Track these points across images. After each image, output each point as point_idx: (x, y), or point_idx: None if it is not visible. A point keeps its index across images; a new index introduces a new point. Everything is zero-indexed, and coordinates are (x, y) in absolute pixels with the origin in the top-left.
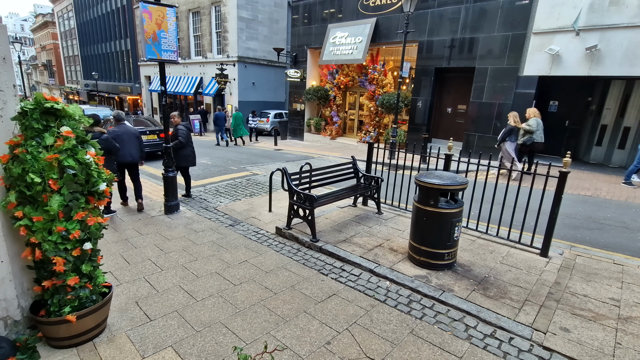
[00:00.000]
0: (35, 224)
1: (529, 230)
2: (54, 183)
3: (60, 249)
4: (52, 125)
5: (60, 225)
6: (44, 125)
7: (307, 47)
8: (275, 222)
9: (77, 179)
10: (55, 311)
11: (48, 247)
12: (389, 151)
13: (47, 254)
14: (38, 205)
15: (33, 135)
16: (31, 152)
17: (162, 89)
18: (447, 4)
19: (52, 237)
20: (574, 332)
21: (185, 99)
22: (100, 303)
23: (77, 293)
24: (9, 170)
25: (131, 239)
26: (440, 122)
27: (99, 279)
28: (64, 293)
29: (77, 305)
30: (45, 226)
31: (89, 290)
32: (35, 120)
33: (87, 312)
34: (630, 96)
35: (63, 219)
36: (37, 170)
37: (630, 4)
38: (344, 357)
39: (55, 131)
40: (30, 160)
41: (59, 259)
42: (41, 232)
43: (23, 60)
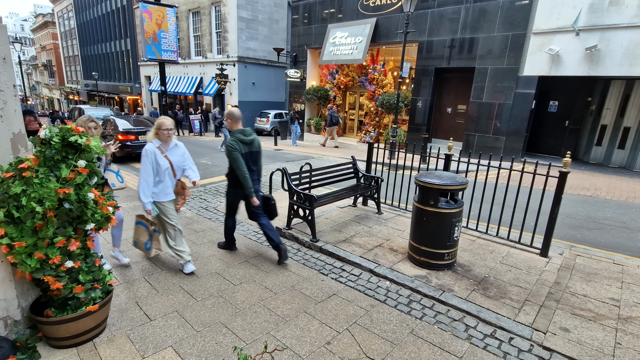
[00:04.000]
0: (16, 248)
1: (529, 230)
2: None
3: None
4: (71, 157)
5: (41, 252)
6: (63, 156)
7: (307, 47)
8: (275, 222)
9: (71, 213)
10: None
11: (24, 269)
12: (389, 151)
13: (35, 275)
14: (22, 229)
15: (50, 164)
16: (41, 179)
17: (162, 89)
18: (447, 4)
19: (30, 261)
20: (574, 332)
21: (185, 99)
22: (100, 303)
23: (88, 295)
24: (7, 187)
25: (131, 239)
26: (440, 122)
27: (107, 277)
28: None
29: (92, 304)
30: (25, 250)
31: (99, 290)
32: (57, 152)
33: (86, 312)
34: (630, 96)
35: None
36: (39, 197)
37: (630, 4)
38: (344, 357)
39: (72, 164)
40: (37, 186)
41: (50, 277)
42: (20, 255)
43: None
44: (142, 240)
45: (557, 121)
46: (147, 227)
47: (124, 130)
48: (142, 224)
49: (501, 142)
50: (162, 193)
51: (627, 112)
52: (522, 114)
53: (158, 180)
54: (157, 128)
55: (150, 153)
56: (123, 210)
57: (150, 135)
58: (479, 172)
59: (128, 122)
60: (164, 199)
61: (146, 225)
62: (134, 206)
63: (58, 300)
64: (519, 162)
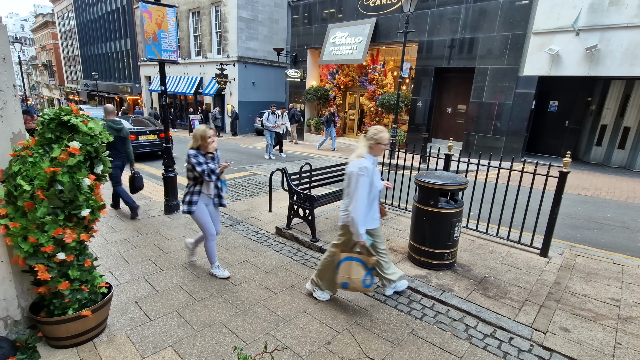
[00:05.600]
0: (11, 229)
1: (529, 230)
2: (42, 193)
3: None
4: (64, 137)
5: (34, 236)
6: (57, 136)
7: (307, 47)
8: (275, 222)
9: (61, 195)
10: (59, 313)
11: (20, 253)
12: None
13: (28, 262)
14: (17, 210)
15: (43, 143)
16: (34, 157)
17: (162, 89)
18: (447, 4)
19: (24, 245)
20: (574, 332)
21: (185, 99)
22: (100, 303)
23: (73, 296)
24: (10, 166)
25: (131, 239)
26: (440, 122)
27: (96, 280)
28: (61, 297)
29: (78, 307)
30: (20, 233)
31: (86, 292)
32: (50, 131)
33: (91, 310)
34: (630, 96)
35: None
36: (30, 176)
37: (630, 4)
38: (344, 357)
39: (65, 144)
40: (29, 164)
41: (40, 266)
42: (15, 237)
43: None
44: (358, 278)
45: (557, 121)
46: (362, 261)
47: None
48: (355, 259)
49: (501, 142)
50: (372, 219)
51: (627, 112)
52: (522, 114)
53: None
54: (372, 140)
55: (370, 172)
56: (124, 211)
57: (363, 147)
58: (479, 172)
59: (128, 122)
60: (374, 225)
61: (361, 260)
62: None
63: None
64: (519, 162)
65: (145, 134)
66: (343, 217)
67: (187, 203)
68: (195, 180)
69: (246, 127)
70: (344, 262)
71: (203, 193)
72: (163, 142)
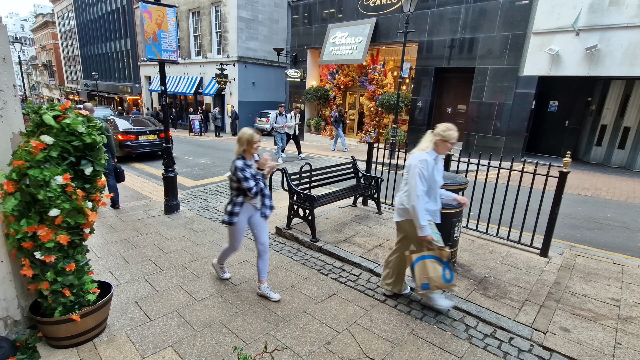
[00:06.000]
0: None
1: (529, 230)
2: (10, 185)
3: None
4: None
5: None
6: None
7: (307, 47)
8: (275, 222)
9: (29, 190)
10: (49, 314)
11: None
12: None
13: (17, 255)
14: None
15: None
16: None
17: (162, 89)
18: (447, 4)
19: (9, 238)
20: (574, 332)
21: (185, 99)
22: (100, 303)
23: (56, 298)
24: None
25: (131, 239)
26: (440, 122)
27: (86, 285)
28: (44, 298)
29: (63, 310)
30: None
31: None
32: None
33: (86, 312)
34: (630, 96)
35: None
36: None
37: (630, 4)
38: (344, 357)
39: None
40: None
41: (26, 260)
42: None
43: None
44: (437, 275)
45: (557, 121)
46: (435, 257)
47: (124, 130)
48: (428, 257)
49: (501, 142)
50: (432, 213)
51: (627, 112)
52: (522, 114)
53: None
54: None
55: (430, 166)
56: (124, 211)
57: (427, 142)
58: (479, 172)
59: (128, 122)
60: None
61: (434, 256)
62: (134, 206)
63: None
64: (519, 162)
65: (145, 134)
66: (399, 210)
67: (229, 213)
68: (239, 191)
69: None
70: (418, 263)
71: (247, 203)
72: (163, 142)
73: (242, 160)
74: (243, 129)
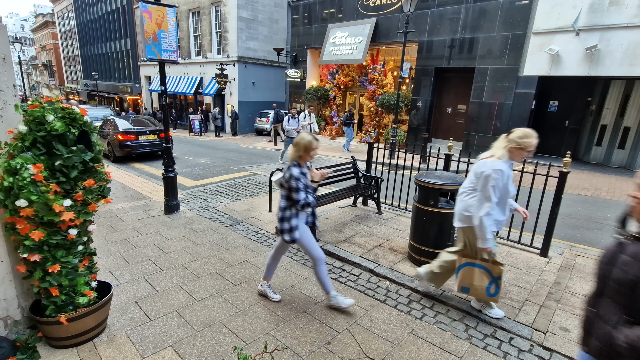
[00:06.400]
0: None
1: (529, 230)
2: None
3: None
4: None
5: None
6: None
7: (307, 47)
8: (275, 222)
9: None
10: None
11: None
12: (389, 151)
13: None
14: None
15: None
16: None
17: (162, 89)
18: (447, 4)
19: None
20: (574, 332)
21: (185, 99)
22: (100, 303)
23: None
24: None
25: (131, 239)
26: (440, 122)
27: (79, 287)
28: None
29: (54, 309)
30: None
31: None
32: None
33: (86, 312)
34: (630, 96)
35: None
36: None
37: (630, 4)
38: (344, 357)
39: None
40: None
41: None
42: None
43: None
44: (480, 285)
45: (557, 121)
46: (486, 269)
47: (124, 130)
48: (478, 266)
49: None
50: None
51: (627, 112)
52: (522, 114)
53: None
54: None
55: (505, 176)
56: (124, 211)
57: (501, 149)
58: None
59: (128, 122)
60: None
61: (485, 267)
62: (134, 206)
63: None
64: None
65: (145, 134)
66: (462, 217)
67: (289, 231)
68: (289, 200)
69: (246, 127)
70: (465, 267)
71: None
72: (163, 142)
73: (298, 168)
74: (302, 134)
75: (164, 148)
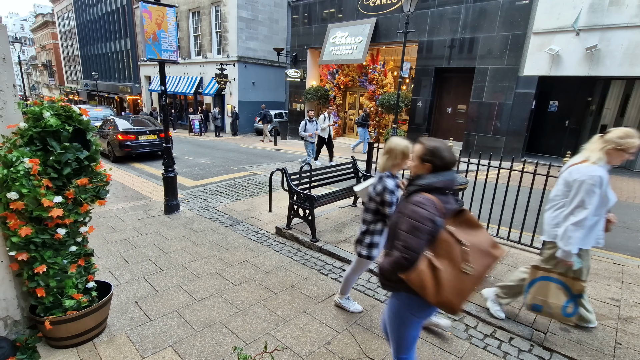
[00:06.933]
0: None
1: (529, 230)
2: None
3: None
4: None
5: None
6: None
7: (307, 47)
8: (275, 222)
9: None
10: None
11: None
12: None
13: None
14: None
15: None
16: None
17: (162, 89)
18: (447, 4)
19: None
20: (574, 332)
21: (185, 99)
22: (100, 303)
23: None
24: None
25: (131, 239)
26: (440, 122)
27: (67, 289)
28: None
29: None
30: None
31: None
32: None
33: (86, 312)
34: (630, 96)
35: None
36: None
37: (630, 4)
38: (344, 357)
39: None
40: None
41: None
42: None
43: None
44: (556, 303)
45: (557, 121)
46: (564, 285)
47: (124, 130)
48: (556, 281)
49: (501, 142)
50: (590, 237)
51: (627, 112)
52: (522, 114)
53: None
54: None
55: (604, 184)
56: (124, 211)
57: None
58: (479, 172)
59: (128, 122)
60: (588, 245)
61: (563, 283)
62: (134, 206)
63: None
64: (519, 162)
65: (145, 134)
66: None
67: (367, 246)
68: (377, 215)
69: (246, 127)
70: (540, 282)
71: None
72: (163, 142)
73: (394, 179)
74: (395, 139)
75: (164, 148)
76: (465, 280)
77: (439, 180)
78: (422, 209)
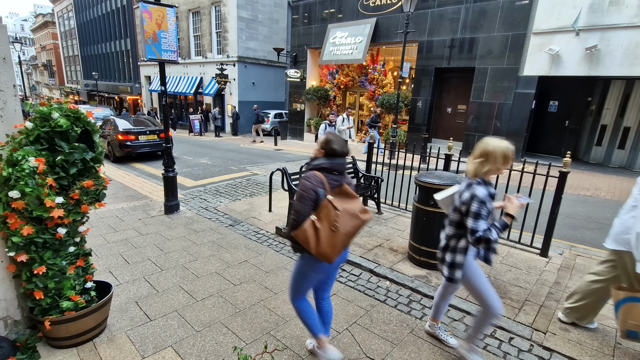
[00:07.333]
0: None
1: (529, 230)
2: None
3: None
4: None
5: None
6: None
7: (307, 47)
8: (275, 222)
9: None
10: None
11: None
12: (389, 151)
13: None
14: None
15: None
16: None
17: (162, 89)
18: (447, 4)
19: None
20: (574, 332)
21: (185, 99)
22: (100, 303)
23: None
24: None
25: (131, 239)
26: (440, 122)
27: (65, 291)
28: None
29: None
30: None
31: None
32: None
33: (86, 312)
34: (630, 96)
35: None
36: None
37: (630, 4)
38: (344, 357)
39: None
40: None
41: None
42: None
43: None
44: None
45: (557, 121)
46: None
47: (124, 130)
48: None
49: None
50: None
51: (627, 112)
52: (522, 114)
53: None
54: None
55: None
56: (124, 211)
57: None
58: None
59: (128, 122)
60: None
61: None
62: (134, 206)
63: None
64: (519, 162)
65: (145, 134)
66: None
67: (450, 266)
68: (460, 228)
69: (246, 127)
70: (627, 304)
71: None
72: (163, 142)
73: (486, 187)
74: (493, 140)
75: (164, 148)
76: (335, 236)
77: (327, 162)
78: (308, 181)
